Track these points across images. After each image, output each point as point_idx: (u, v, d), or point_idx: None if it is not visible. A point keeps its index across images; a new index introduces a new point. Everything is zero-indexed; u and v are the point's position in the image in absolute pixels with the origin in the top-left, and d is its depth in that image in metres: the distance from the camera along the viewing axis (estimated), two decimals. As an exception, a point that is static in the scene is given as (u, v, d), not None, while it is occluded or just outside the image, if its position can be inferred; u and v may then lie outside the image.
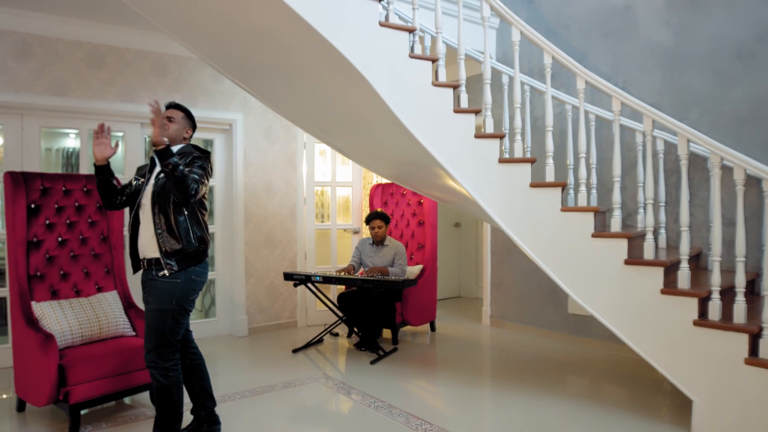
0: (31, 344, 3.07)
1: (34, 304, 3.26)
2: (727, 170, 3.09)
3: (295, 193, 5.39)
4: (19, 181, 3.34)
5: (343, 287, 5.13)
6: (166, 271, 2.60)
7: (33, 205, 3.41)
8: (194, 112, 4.68)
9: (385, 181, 5.90)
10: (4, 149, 4.21)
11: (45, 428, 3.09)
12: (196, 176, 2.58)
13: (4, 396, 3.62)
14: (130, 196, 2.79)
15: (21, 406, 3.33)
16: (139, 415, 3.26)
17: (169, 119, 2.80)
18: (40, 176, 3.48)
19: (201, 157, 2.74)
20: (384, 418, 3.17)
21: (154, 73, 4.67)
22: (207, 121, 4.92)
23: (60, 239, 3.50)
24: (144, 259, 2.68)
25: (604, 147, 4.26)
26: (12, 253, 3.31)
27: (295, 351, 4.57)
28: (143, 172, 2.83)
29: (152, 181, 2.70)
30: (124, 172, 4.64)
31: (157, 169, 2.70)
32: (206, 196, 2.81)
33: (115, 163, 6.24)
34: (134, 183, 2.81)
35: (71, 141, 6.79)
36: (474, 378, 3.98)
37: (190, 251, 2.64)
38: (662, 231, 3.80)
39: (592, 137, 3.65)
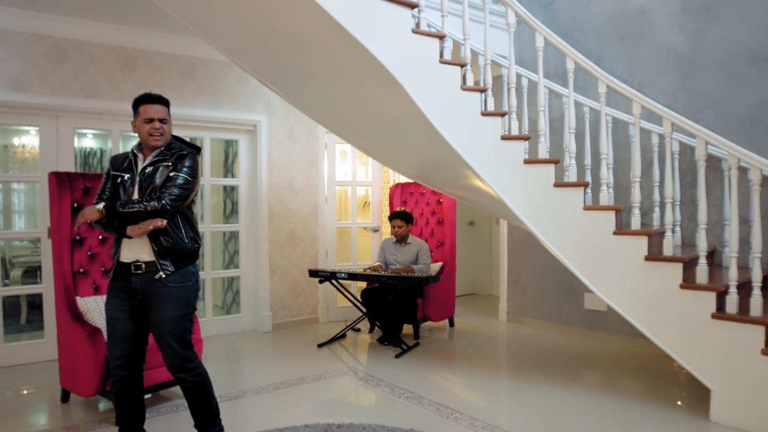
0: (78, 337, 3.21)
1: (78, 299, 3.41)
2: (741, 171, 3.23)
3: (316, 192, 5.54)
4: (63, 181, 3.48)
5: (365, 284, 5.27)
6: (162, 273, 2.50)
7: (76, 204, 3.55)
8: (220, 114, 4.97)
9: (404, 180, 6.05)
10: (40, 150, 4.35)
11: (91, 418, 3.24)
12: (177, 189, 2.47)
13: (47, 388, 3.76)
14: (112, 195, 2.57)
15: (65, 397, 3.47)
16: (179, 406, 3.40)
17: (162, 121, 2.56)
18: (82, 176, 3.62)
19: (188, 155, 2.57)
20: (415, 407, 3.32)
21: (182, 75, 4.81)
22: (232, 122, 5.07)
23: (101, 237, 3.64)
24: (136, 262, 2.51)
25: (618, 147, 4.41)
26: (57, 250, 3.46)
27: (320, 346, 4.72)
28: (123, 166, 2.59)
29: (137, 179, 2.54)
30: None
31: (141, 164, 2.57)
32: (195, 199, 2.70)
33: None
34: (118, 180, 2.56)
35: (89, 141, 6.95)
36: (496, 371, 4.14)
37: (186, 251, 2.56)
38: (677, 229, 3.95)
39: (610, 138, 3.79)
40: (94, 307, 3.36)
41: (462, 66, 3.34)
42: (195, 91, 4.87)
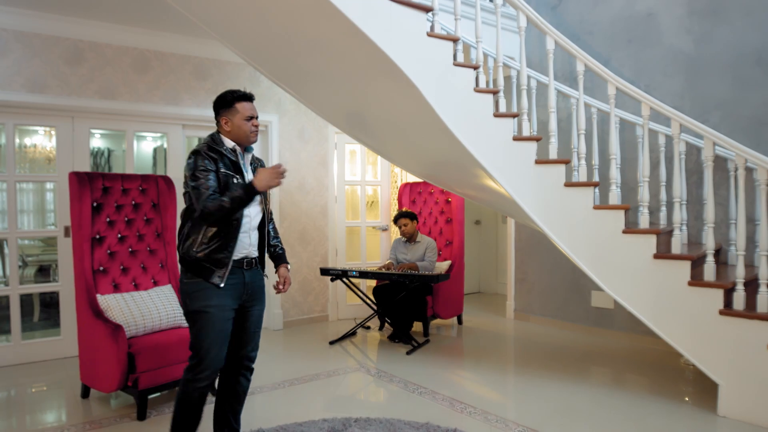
0: (100, 334, 3.28)
1: (99, 296, 3.48)
2: (747, 171, 3.30)
3: (326, 191, 5.61)
4: (83, 180, 3.55)
5: (374, 282, 5.34)
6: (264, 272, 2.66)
7: (95, 204, 3.62)
8: None
9: (413, 179, 6.12)
10: (57, 150, 4.42)
11: (112, 413, 3.31)
12: None
13: (66, 385, 3.83)
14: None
15: (85, 393, 3.54)
16: (197, 401, 3.47)
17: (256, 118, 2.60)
18: (102, 176, 3.69)
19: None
20: (429, 402, 3.39)
21: (196, 77, 4.88)
22: (244, 122, 5.14)
23: (120, 236, 3.71)
24: (247, 258, 2.52)
25: (625, 148, 4.48)
26: (78, 249, 3.52)
27: (331, 343, 4.79)
28: (230, 166, 2.46)
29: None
30: (166, 171, 4.85)
31: (245, 167, 2.56)
32: None
33: (146, 162, 6.44)
34: (234, 180, 2.45)
35: (96, 141, 7.01)
36: (506, 367, 4.21)
37: None
38: (684, 227, 4.03)
39: (617, 139, 3.86)
40: (114, 305, 3.43)
41: (475, 68, 3.41)
42: (208, 92, 4.93)
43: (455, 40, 3.34)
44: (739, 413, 3.07)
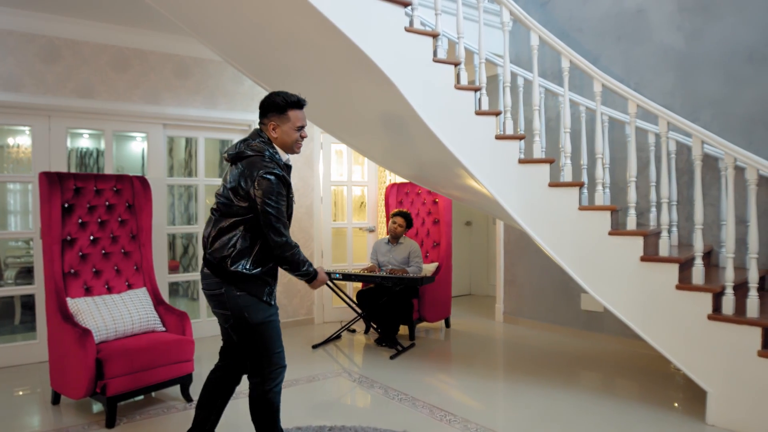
0: (69, 339, 3.18)
1: (69, 300, 3.38)
2: (738, 170, 3.20)
3: (312, 192, 5.51)
4: (54, 181, 3.45)
5: (360, 285, 5.23)
6: None
7: (66, 205, 3.52)
8: (215, 114, 4.95)
9: (400, 180, 6.02)
10: (33, 150, 4.32)
11: (82, 420, 3.20)
12: None
13: (38, 390, 3.73)
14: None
15: (56, 399, 3.44)
16: (170, 408, 3.37)
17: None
18: (73, 176, 3.59)
19: None
20: (408, 409, 3.28)
21: (177, 75, 4.78)
22: (227, 122, 5.04)
23: (92, 237, 3.61)
24: None
25: (615, 147, 4.38)
26: (47, 251, 3.43)
27: (314, 347, 4.69)
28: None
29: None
30: (148, 172, 4.76)
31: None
32: None
33: (135, 163, 6.36)
34: (292, 199, 2.48)
35: (85, 141, 6.92)
36: (491, 372, 4.10)
37: None
38: (674, 229, 3.92)
39: (606, 138, 3.76)
40: (84, 308, 3.33)
41: (455, 64, 3.31)
42: (189, 91, 4.84)
43: (435, 36, 3.24)
44: (727, 422, 2.96)
